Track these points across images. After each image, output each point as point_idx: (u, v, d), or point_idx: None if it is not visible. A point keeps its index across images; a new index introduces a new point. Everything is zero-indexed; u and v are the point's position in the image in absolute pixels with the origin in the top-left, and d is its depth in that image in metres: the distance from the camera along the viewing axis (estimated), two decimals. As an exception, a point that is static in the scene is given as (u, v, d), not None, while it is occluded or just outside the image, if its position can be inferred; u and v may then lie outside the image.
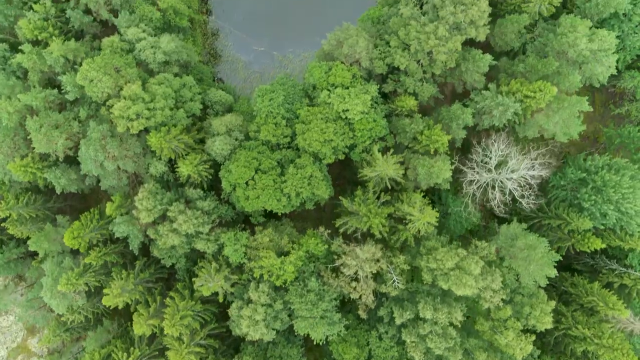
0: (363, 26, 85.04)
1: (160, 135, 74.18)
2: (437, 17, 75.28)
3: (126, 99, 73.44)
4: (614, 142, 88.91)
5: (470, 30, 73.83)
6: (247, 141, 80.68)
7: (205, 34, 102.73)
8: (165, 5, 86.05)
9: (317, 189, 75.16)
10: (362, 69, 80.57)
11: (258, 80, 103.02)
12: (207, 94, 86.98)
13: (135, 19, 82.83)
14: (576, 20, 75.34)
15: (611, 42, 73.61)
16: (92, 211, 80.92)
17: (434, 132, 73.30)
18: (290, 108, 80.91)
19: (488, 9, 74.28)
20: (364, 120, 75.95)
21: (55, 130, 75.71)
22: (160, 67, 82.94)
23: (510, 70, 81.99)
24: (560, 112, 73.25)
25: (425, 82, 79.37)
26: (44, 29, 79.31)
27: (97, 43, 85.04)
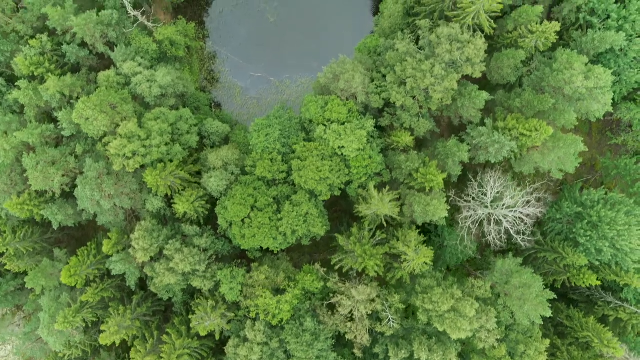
0: (359, 58, 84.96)
1: (156, 173, 74.26)
2: (434, 52, 75.21)
3: (122, 137, 73.51)
4: (611, 173, 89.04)
5: (467, 68, 73.75)
6: (243, 175, 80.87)
7: (202, 59, 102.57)
8: (162, 37, 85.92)
9: (313, 227, 75.34)
10: (358, 103, 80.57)
11: (255, 106, 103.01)
12: (204, 125, 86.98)
13: (131, 52, 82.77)
14: (572, 56, 75.20)
15: (607, 80, 73.46)
16: (89, 245, 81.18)
17: (430, 170, 73.38)
18: (287, 142, 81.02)
19: (484, 46, 74.22)
20: (360, 158, 76.02)
21: (52, 167, 75.87)
22: (156, 100, 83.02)
23: (506, 103, 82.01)
24: (556, 151, 73.28)
25: (421, 118, 79.36)
26: (40, 64, 79.23)
27: (93, 75, 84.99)
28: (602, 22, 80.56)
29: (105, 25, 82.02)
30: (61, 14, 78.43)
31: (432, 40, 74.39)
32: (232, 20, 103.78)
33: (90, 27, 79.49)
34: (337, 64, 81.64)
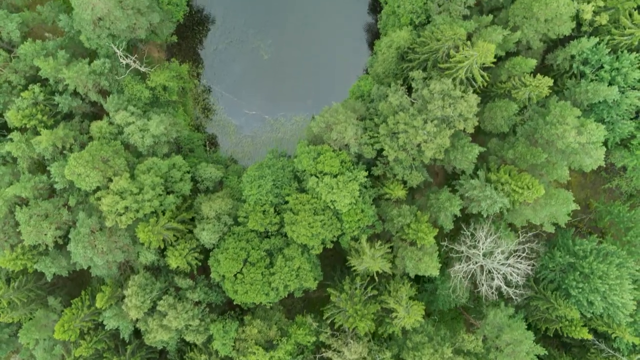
0: (352, 105, 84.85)
1: (148, 228, 74.41)
2: (426, 106, 75.07)
3: (114, 194, 73.62)
4: (604, 219, 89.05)
5: (459, 124, 73.67)
6: (236, 225, 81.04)
7: (196, 97, 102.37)
8: (154, 84, 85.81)
9: (305, 281, 75.62)
10: (350, 153, 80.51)
11: (249, 145, 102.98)
12: (197, 169, 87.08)
13: (123, 101, 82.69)
14: (565, 109, 75.00)
15: (599, 135, 73.31)
16: (83, 296, 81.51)
17: (421, 227, 73.48)
18: (279, 193, 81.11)
19: (477, 101, 74.09)
20: (352, 212, 76.11)
21: (45, 220, 76.04)
22: (149, 149, 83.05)
23: (500, 153, 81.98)
24: (548, 208, 73.31)
25: (414, 170, 79.34)
26: (33, 115, 79.20)
27: (86, 123, 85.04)
28: (594, 72, 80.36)
29: (97, 75, 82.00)
30: (53, 66, 78.33)
31: (425, 95, 74.25)
32: (226, 58, 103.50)
33: (82, 78, 79.46)
34: (330, 113, 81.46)
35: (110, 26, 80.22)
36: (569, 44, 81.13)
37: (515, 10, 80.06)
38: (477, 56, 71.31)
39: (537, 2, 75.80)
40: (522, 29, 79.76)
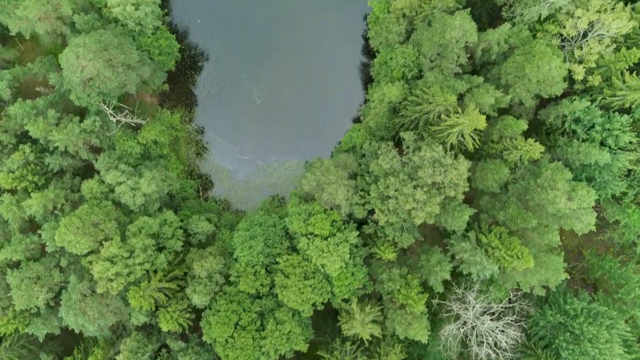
0: (344, 160, 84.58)
1: (139, 293, 74.58)
2: (416, 171, 74.91)
3: (105, 260, 73.70)
4: (596, 272, 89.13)
5: (449, 190, 73.57)
6: (228, 285, 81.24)
7: (189, 143, 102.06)
8: (145, 140, 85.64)
9: (295, 345, 75.89)
10: (341, 213, 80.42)
11: (243, 190, 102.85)
12: (189, 223, 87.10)
13: (114, 160, 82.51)
14: (557, 172, 74.84)
15: (590, 201, 73.21)
16: (75, 354, 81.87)
17: (411, 294, 73.59)
18: (271, 252, 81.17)
19: (468, 166, 73.99)
20: (342, 276, 76.25)
21: (36, 284, 76.27)
22: (140, 207, 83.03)
23: (491, 211, 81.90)
24: (538, 275, 73.41)
25: (405, 231, 79.35)
26: (23, 177, 79.17)
27: (77, 179, 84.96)
28: (586, 132, 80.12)
29: (88, 133, 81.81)
30: (43, 129, 78.17)
31: (416, 161, 74.08)
32: (219, 102, 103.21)
33: (72, 140, 79.29)
34: (321, 171, 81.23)
35: (100, 85, 79.85)
36: (561, 101, 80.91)
37: (507, 69, 79.67)
38: (467, 124, 71.12)
39: (529, 64, 75.40)
40: (514, 87, 79.42)
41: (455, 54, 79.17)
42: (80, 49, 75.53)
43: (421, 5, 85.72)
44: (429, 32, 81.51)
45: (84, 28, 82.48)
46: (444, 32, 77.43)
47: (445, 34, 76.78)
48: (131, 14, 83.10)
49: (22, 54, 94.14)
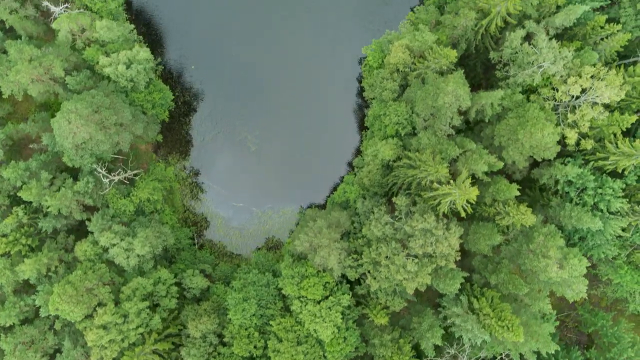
0: (337, 218, 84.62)
1: (134, 359, 75.07)
2: (409, 239, 75.05)
3: (98, 328, 74.12)
4: (589, 327, 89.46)
5: (441, 260, 73.73)
6: (222, 346, 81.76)
7: (184, 190, 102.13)
8: (138, 199, 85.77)
9: (289, 411, 76.52)
10: (334, 275, 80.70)
11: (238, 237, 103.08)
12: (184, 278, 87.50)
13: (107, 221, 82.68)
14: (549, 239, 74.96)
15: (582, 270, 73.36)
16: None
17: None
18: (264, 313, 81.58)
19: (460, 234, 74.14)
20: (334, 342, 76.68)
21: (30, 349, 76.81)
22: (134, 267, 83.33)
23: (483, 271, 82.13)
24: (529, 345, 73.73)
25: (396, 295, 79.62)
26: (17, 240, 79.42)
27: (72, 238, 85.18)
28: (578, 195, 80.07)
29: (81, 194, 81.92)
30: (36, 193, 78.27)
31: (407, 230, 74.19)
32: (213, 149, 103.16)
33: (66, 204, 79.41)
34: (314, 232, 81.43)
35: (93, 147, 79.88)
36: (554, 163, 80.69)
37: (500, 131, 79.43)
38: (460, 196, 71.14)
39: (522, 129, 75.20)
40: (507, 150, 79.25)
41: (449, 116, 78.98)
42: (71, 115, 75.43)
43: (415, 62, 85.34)
44: (422, 92, 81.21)
45: (76, 88, 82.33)
46: (437, 96, 77.17)
47: (438, 99, 76.53)
48: (123, 73, 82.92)
49: (15, 107, 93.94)
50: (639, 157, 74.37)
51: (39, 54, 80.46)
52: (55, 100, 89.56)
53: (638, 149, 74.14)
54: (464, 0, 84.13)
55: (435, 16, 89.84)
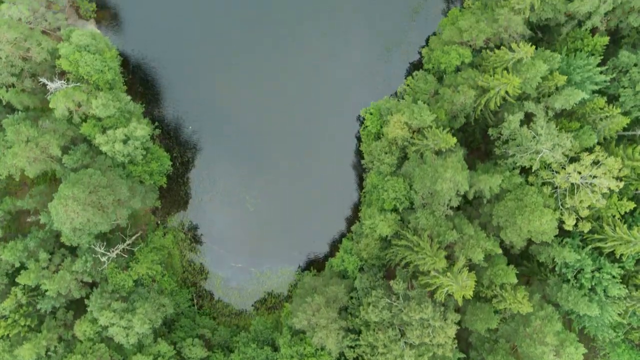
0: (334, 293, 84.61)
1: None
2: (405, 328, 75.38)
3: (98, 415, 74.87)
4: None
5: (437, 349, 74.06)
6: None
7: (182, 251, 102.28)
8: (137, 275, 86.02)
9: None
10: (332, 354, 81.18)
11: (237, 297, 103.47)
12: (183, 347, 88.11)
13: (106, 298, 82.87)
14: (546, 324, 75.22)
15: (578, 358, 73.78)
16: None
17: None
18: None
19: (455, 327, 74.41)
20: None
21: None
22: (134, 344, 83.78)
23: (480, 349, 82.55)
24: None
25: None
26: (15, 322, 79.79)
27: (70, 314, 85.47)
28: (575, 276, 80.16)
29: (80, 273, 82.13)
30: (35, 277, 78.50)
31: (404, 319, 74.43)
32: (211, 209, 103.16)
33: (64, 285, 79.66)
34: (312, 310, 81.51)
35: (91, 228, 79.85)
36: (553, 244, 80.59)
37: (499, 212, 79.30)
38: (456, 290, 71.25)
39: (521, 215, 75.09)
40: (505, 230, 79.20)
41: (447, 198, 78.76)
42: (69, 201, 75.33)
43: (413, 137, 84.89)
44: (421, 171, 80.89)
45: (74, 167, 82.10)
46: (436, 180, 76.90)
47: (437, 185, 76.29)
48: (120, 150, 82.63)
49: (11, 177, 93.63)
50: (637, 245, 74.29)
51: (35, 134, 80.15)
52: (53, 172, 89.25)
53: (636, 237, 74.02)
54: (463, 77, 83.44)
55: (434, 86, 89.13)
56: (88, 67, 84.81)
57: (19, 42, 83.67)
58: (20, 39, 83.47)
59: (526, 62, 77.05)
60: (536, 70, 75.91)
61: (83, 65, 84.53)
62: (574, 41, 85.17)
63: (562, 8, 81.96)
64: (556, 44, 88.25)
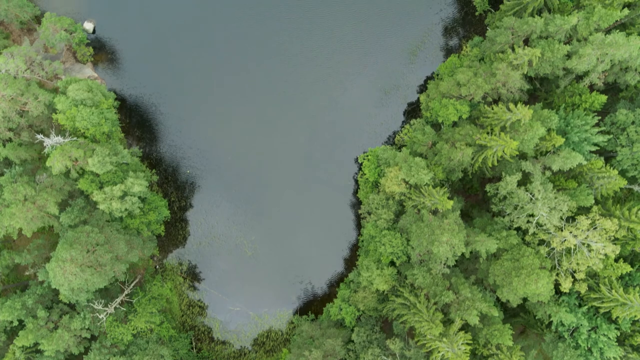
0: (332, 347, 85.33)
1: None
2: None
3: None
4: None
5: (434, 413, 74.63)
6: None
7: (181, 294, 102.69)
8: (136, 330, 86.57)
9: None
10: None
11: (235, 340, 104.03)
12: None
13: (105, 354, 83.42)
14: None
15: None
16: None
17: None
18: None
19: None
20: None
21: None
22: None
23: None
24: None
25: None
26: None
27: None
28: (571, 334, 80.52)
29: (79, 330, 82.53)
30: (33, 338, 78.92)
31: (400, 381, 75.01)
32: (210, 253, 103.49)
33: (63, 345, 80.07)
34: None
35: (89, 287, 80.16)
36: (549, 303, 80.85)
37: (495, 271, 79.51)
38: (452, 356, 71.65)
39: (517, 277, 75.28)
40: (501, 289, 79.46)
41: (444, 258, 78.98)
42: (66, 264, 75.59)
43: (411, 193, 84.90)
44: (417, 229, 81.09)
45: (71, 225, 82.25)
46: (432, 242, 77.11)
47: (433, 247, 76.52)
48: (118, 207, 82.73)
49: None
50: (633, 308, 74.54)
51: (33, 192, 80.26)
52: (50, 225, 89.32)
53: (632, 301, 74.25)
54: (461, 134, 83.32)
55: (432, 137, 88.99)
56: (85, 122, 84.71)
57: (16, 97, 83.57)
58: (17, 94, 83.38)
59: (524, 124, 76.89)
60: (534, 132, 75.78)
61: (80, 120, 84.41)
62: (572, 95, 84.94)
63: (560, 64, 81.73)
64: (554, 96, 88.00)
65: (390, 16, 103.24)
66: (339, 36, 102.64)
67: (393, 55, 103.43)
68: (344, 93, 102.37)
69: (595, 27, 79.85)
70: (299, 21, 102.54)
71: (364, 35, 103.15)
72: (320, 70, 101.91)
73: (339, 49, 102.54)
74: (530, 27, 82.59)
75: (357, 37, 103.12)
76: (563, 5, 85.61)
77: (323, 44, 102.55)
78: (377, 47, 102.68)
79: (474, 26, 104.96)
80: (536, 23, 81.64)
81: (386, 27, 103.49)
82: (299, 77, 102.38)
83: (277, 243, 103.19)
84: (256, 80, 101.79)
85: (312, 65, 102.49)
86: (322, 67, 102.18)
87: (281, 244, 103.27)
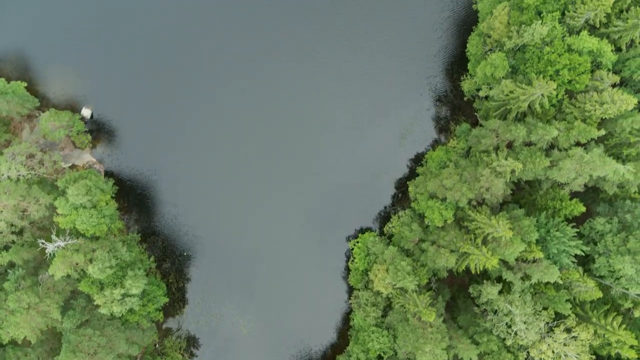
0: None
1: None
2: None
3: None
4: None
5: None
6: None
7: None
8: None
9: None
10: None
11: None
12: None
13: None
14: None
15: None
16: None
17: None
18: None
19: None
20: None
21: None
22: None
23: None
24: None
25: None
26: None
27: None
28: None
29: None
30: None
31: None
32: (208, 332, 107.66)
33: None
34: None
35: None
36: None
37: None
38: None
39: None
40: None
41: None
42: (70, 371, 79.80)
43: (398, 295, 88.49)
44: (403, 330, 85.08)
45: (74, 326, 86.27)
46: (416, 349, 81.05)
47: (417, 355, 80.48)
48: (119, 310, 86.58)
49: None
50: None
51: (36, 299, 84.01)
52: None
53: (606, 409, 78.45)
54: (445, 239, 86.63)
55: (418, 235, 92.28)
56: (84, 225, 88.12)
57: (18, 203, 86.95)
58: (19, 201, 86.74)
59: (504, 240, 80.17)
60: (514, 248, 79.07)
61: (80, 224, 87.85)
62: (554, 199, 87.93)
63: (542, 174, 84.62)
64: (537, 195, 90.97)
65: (382, 107, 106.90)
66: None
67: (383, 141, 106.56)
68: (333, 174, 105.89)
69: (574, 141, 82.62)
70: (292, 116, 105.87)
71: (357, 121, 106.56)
72: (314, 157, 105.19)
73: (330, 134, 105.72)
74: (513, 135, 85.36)
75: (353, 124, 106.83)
76: (546, 110, 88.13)
77: (320, 131, 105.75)
78: (367, 136, 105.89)
79: (462, 110, 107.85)
80: (519, 133, 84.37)
81: (377, 114, 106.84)
82: (295, 163, 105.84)
83: (273, 322, 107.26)
84: (247, 172, 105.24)
85: (308, 150, 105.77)
86: (317, 157, 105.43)
87: (276, 323, 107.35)
